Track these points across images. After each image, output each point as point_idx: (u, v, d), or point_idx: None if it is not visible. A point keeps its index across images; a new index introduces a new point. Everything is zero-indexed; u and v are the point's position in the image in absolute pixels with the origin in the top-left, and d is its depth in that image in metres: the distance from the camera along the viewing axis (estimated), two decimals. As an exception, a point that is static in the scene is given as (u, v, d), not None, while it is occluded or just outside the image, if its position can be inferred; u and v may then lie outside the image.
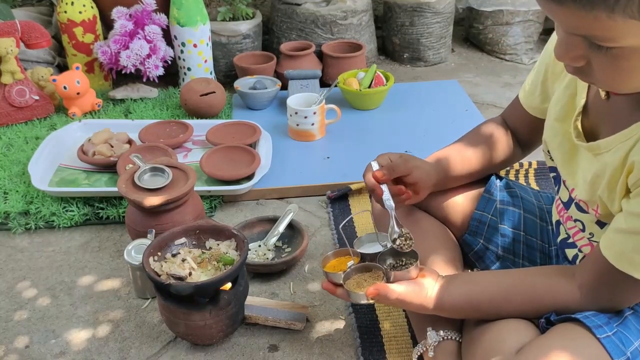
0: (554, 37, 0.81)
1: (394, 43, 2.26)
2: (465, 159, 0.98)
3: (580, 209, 0.82)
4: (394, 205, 0.90)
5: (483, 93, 2.01)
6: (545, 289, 0.79)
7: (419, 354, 0.89)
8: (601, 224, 0.80)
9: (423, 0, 2.11)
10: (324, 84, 1.95)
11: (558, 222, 0.91)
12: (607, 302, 0.75)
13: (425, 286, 0.83)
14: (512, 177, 1.47)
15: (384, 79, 1.82)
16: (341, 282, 0.88)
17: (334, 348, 1.02)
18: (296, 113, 1.61)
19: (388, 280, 0.85)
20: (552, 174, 0.91)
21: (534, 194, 1.04)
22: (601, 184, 0.73)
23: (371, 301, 0.84)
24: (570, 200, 0.84)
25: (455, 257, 0.97)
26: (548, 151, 0.88)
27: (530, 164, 1.48)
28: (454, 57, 2.33)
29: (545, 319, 0.78)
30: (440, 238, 0.98)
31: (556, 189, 0.91)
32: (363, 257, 0.92)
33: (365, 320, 1.06)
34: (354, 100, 1.81)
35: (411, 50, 2.23)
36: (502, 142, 0.99)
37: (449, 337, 0.87)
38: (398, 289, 0.82)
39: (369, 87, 1.81)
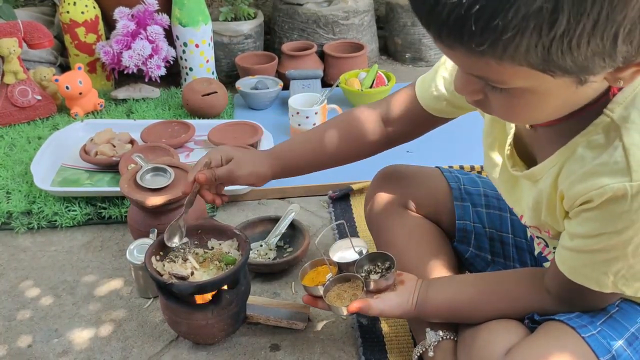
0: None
1: (395, 43, 2.26)
2: (316, 146, 0.98)
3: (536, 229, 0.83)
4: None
5: (484, 93, 2.00)
6: (519, 295, 0.81)
7: (418, 354, 0.90)
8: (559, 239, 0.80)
9: (424, 0, 2.11)
10: (325, 84, 1.95)
11: (531, 238, 0.93)
12: (579, 307, 0.76)
13: (405, 296, 0.86)
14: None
15: (385, 79, 1.82)
16: (321, 294, 0.89)
17: (336, 347, 1.03)
18: (298, 113, 1.62)
19: (367, 288, 0.87)
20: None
21: (490, 184, 1.03)
22: (542, 210, 0.74)
23: (349, 314, 0.87)
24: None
25: (450, 262, 0.97)
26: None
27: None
28: (455, 57, 2.33)
29: (529, 319, 0.79)
30: (435, 243, 0.99)
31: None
32: (340, 267, 0.93)
33: (367, 320, 1.06)
34: (356, 101, 1.81)
35: (413, 51, 2.23)
36: (370, 129, 0.97)
37: (448, 336, 0.87)
38: (378, 306, 0.86)
39: (371, 87, 1.81)
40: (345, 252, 0.95)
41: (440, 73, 0.89)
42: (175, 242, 0.99)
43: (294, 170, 1.01)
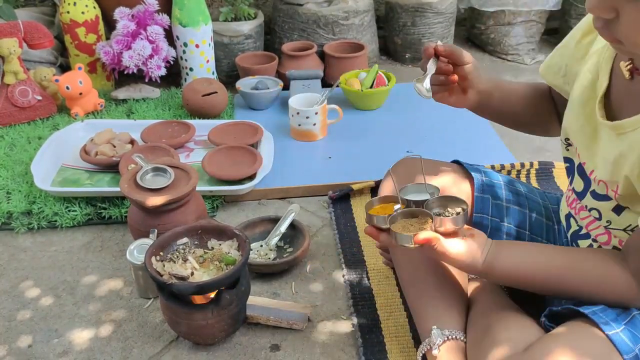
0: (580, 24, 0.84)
1: (395, 43, 2.26)
2: (516, 94, 0.99)
3: (596, 196, 0.82)
4: (431, 96, 0.89)
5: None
6: (601, 276, 0.77)
7: (423, 352, 0.89)
8: (618, 211, 0.80)
9: (425, 0, 2.11)
10: (325, 84, 1.95)
11: (569, 215, 0.91)
12: None
13: (474, 248, 0.80)
14: (513, 177, 1.47)
15: (385, 79, 1.82)
16: (386, 225, 0.83)
17: (336, 348, 1.03)
18: (298, 113, 1.62)
19: (435, 227, 0.81)
20: (566, 165, 0.90)
21: (539, 194, 1.04)
22: (626, 164, 0.73)
23: (416, 245, 0.80)
24: (586, 188, 0.85)
25: None
26: (566, 139, 0.88)
27: (531, 164, 1.48)
28: (455, 57, 2.33)
29: (546, 317, 0.79)
30: None
31: (569, 180, 0.90)
32: (408, 205, 0.88)
33: (367, 320, 1.06)
34: (356, 101, 1.81)
35: (413, 51, 2.23)
36: (547, 102, 1.00)
37: (454, 336, 0.87)
38: (448, 244, 0.78)
39: (371, 87, 1.81)
40: (417, 195, 0.90)
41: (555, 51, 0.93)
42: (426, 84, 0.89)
43: (494, 102, 0.98)
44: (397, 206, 0.87)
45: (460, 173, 1.01)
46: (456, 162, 1.05)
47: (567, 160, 0.90)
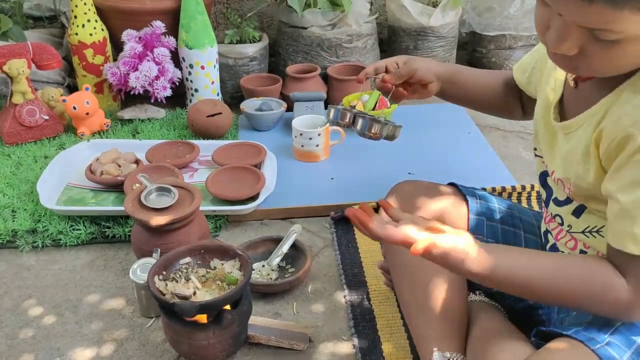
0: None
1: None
2: (482, 80, 1.10)
3: (557, 202, 0.87)
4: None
5: (485, 116, 2.01)
6: (593, 275, 0.73)
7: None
8: (577, 213, 0.84)
9: (427, 24, 2.15)
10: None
11: (546, 232, 0.94)
12: None
13: (470, 240, 0.73)
14: (514, 199, 1.48)
15: (387, 101, 1.84)
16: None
17: (336, 369, 1.03)
18: (301, 134, 1.63)
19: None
20: (540, 179, 0.94)
21: (534, 216, 1.05)
22: (574, 159, 0.78)
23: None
24: (549, 196, 0.90)
25: (459, 278, 0.96)
26: (534, 149, 0.94)
27: (532, 187, 1.49)
28: (457, 80, 2.35)
29: (536, 336, 0.79)
30: None
31: (544, 196, 0.93)
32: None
33: (368, 341, 1.06)
34: (359, 122, 1.83)
35: (415, 73, 2.26)
36: (512, 89, 1.08)
37: (455, 358, 0.87)
38: (444, 241, 0.71)
39: (373, 109, 1.83)
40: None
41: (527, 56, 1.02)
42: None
43: (453, 91, 1.10)
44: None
45: (458, 195, 1.03)
46: (453, 184, 1.07)
47: (542, 175, 0.93)
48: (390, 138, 1.08)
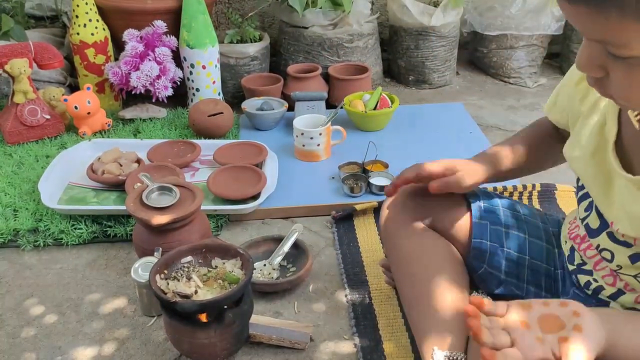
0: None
1: (399, 66, 2.29)
2: (520, 154, 1.01)
3: (614, 239, 0.79)
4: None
5: (487, 115, 2.02)
6: None
7: (425, 373, 0.89)
8: (635, 259, 0.77)
9: (428, 24, 2.15)
10: (330, 105, 1.97)
11: (572, 248, 0.90)
12: None
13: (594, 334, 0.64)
14: (515, 199, 1.47)
15: (389, 101, 1.84)
16: None
17: (338, 368, 1.03)
18: (302, 134, 1.64)
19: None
20: (581, 192, 0.87)
21: (540, 217, 1.04)
22: None
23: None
24: (602, 228, 0.81)
25: (460, 277, 0.97)
26: (578, 179, 0.87)
27: (533, 186, 1.49)
28: (458, 80, 2.36)
29: None
30: (446, 257, 0.98)
31: (579, 209, 0.88)
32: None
33: (369, 341, 1.07)
34: (360, 122, 1.83)
35: (416, 73, 2.26)
36: (551, 137, 1.01)
37: (455, 358, 0.87)
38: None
39: (374, 109, 1.83)
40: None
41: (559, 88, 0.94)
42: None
43: (500, 177, 1.03)
44: None
45: (460, 197, 1.03)
46: None
47: (580, 188, 0.87)
48: None
